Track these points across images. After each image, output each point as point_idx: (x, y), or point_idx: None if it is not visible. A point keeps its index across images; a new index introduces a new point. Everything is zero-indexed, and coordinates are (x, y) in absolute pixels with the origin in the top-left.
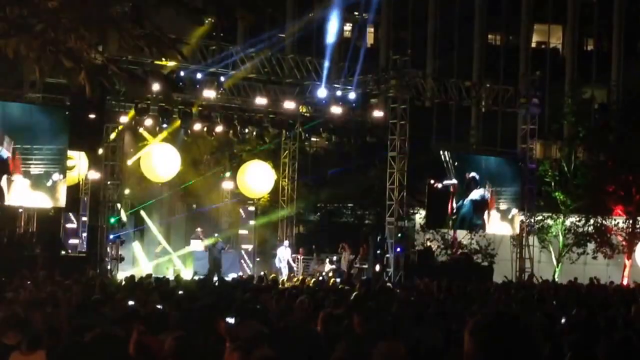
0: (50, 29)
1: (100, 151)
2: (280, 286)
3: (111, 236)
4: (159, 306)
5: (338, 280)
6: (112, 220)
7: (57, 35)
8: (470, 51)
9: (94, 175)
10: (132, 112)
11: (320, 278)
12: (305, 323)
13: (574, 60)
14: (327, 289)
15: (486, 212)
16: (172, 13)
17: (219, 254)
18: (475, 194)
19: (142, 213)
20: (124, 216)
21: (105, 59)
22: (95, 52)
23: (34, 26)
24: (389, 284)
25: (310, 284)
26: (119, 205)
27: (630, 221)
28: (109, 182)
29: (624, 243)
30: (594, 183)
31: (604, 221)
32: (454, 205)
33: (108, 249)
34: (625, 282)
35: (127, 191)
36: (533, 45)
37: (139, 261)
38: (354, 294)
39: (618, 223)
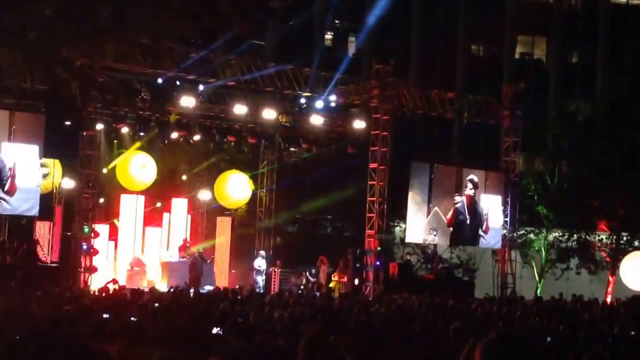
0: (44, 38)
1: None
2: (258, 299)
3: (85, 246)
4: (133, 319)
5: (317, 294)
6: (86, 229)
7: (52, 44)
8: (453, 61)
9: (69, 183)
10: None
11: (299, 292)
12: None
13: (558, 72)
14: (305, 303)
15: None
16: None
17: (201, 266)
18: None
19: (117, 222)
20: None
21: (99, 68)
22: (90, 62)
23: (28, 35)
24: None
25: (288, 297)
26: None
27: (614, 237)
28: (84, 191)
29: (607, 259)
30: (578, 197)
31: (587, 236)
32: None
33: (82, 259)
34: (608, 299)
35: (101, 200)
36: (517, 56)
37: (113, 272)
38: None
39: (602, 239)
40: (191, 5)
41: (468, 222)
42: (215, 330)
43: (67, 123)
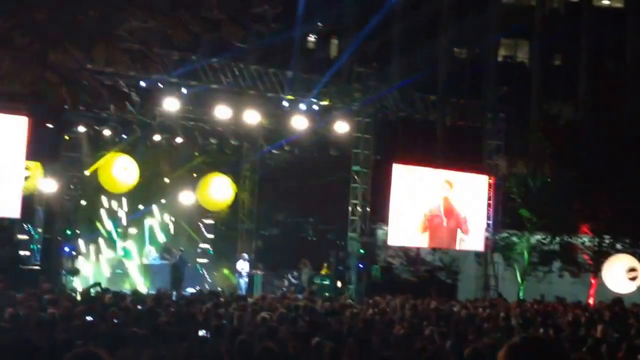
0: (35, 42)
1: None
2: (241, 301)
3: (66, 248)
4: (116, 321)
5: (299, 296)
6: (68, 232)
7: (43, 49)
8: (435, 64)
9: (51, 185)
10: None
11: (282, 294)
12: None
13: (540, 75)
14: (288, 306)
15: None
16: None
17: (183, 268)
18: None
19: (99, 225)
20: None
21: (90, 73)
22: (80, 67)
23: (18, 39)
24: (349, 301)
25: (271, 301)
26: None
27: (597, 240)
28: (66, 193)
29: (590, 262)
30: (561, 200)
31: (570, 239)
32: None
33: (64, 262)
34: (591, 301)
35: (83, 202)
36: (499, 59)
37: (95, 274)
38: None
39: (584, 242)
40: (181, 10)
41: (445, 224)
42: (201, 333)
43: (49, 125)
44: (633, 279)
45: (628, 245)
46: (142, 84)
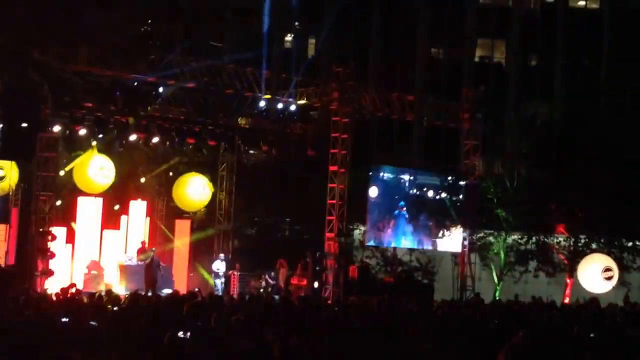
0: (16, 40)
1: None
2: (218, 302)
3: (41, 249)
4: (92, 323)
5: (276, 297)
6: (44, 232)
7: (23, 47)
8: (412, 64)
9: (25, 186)
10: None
11: (259, 294)
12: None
13: (517, 76)
14: (265, 306)
15: None
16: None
17: (156, 269)
18: None
19: (74, 225)
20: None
21: (72, 72)
22: (62, 65)
23: None
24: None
25: (248, 300)
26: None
27: (572, 239)
28: (41, 193)
29: (565, 261)
30: (537, 200)
31: (545, 239)
32: None
33: (38, 263)
34: (566, 301)
35: (58, 202)
36: (476, 59)
37: (70, 276)
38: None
39: (560, 241)
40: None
41: (412, 224)
42: (180, 334)
43: (24, 125)
44: (608, 278)
45: (603, 245)
46: (123, 82)
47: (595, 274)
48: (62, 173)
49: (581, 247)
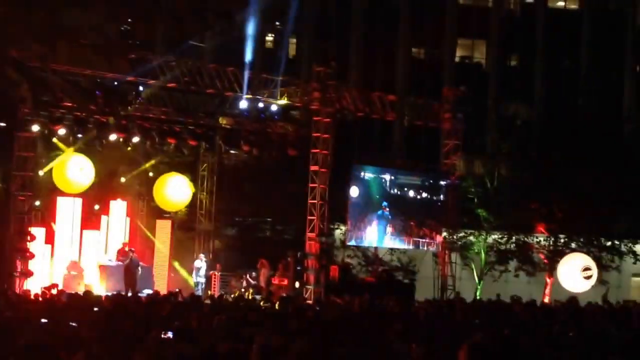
0: None
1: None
2: (199, 302)
3: (21, 250)
4: (73, 324)
5: (257, 297)
6: (22, 233)
7: (2, 45)
8: (393, 64)
9: (3, 185)
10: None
11: (240, 295)
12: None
13: (497, 76)
14: (246, 307)
15: None
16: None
17: (135, 269)
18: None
19: (53, 225)
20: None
21: (51, 71)
22: (42, 64)
23: None
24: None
25: (230, 301)
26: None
27: (552, 239)
28: (19, 193)
29: (545, 261)
30: (517, 200)
31: (525, 238)
32: None
33: (17, 264)
34: (546, 300)
35: (37, 202)
36: (457, 59)
37: (49, 276)
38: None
39: (540, 241)
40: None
41: (402, 224)
42: (162, 335)
43: (1, 124)
44: (588, 277)
45: (583, 244)
46: (103, 82)
47: (575, 273)
48: (41, 173)
49: (561, 246)
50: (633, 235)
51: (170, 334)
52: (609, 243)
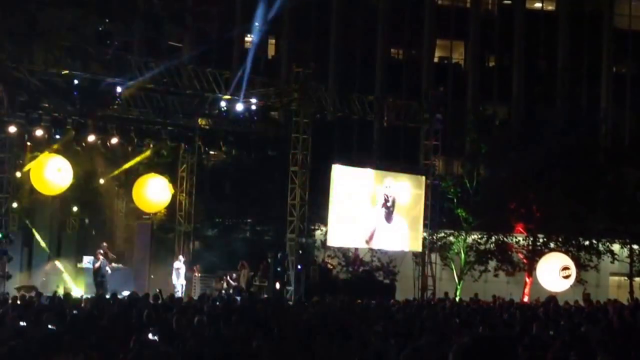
0: None
1: None
2: (179, 303)
3: None
4: (51, 326)
5: (238, 298)
6: (0, 235)
7: None
8: (372, 65)
9: None
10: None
11: (220, 296)
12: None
13: (475, 76)
14: (226, 308)
15: None
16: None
17: (103, 270)
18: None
19: (31, 227)
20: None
21: (28, 72)
22: (18, 65)
23: None
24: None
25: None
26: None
27: (531, 239)
28: None
29: (524, 260)
30: (496, 200)
31: (505, 238)
32: None
33: None
34: (525, 299)
35: (15, 204)
36: (435, 60)
37: (27, 278)
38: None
39: (519, 240)
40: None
41: (384, 224)
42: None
43: None
44: (566, 277)
45: (561, 244)
46: (81, 83)
47: (554, 273)
48: (18, 174)
49: (539, 246)
50: (610, 234)
51: (150, 336)
52: (587, 242)
